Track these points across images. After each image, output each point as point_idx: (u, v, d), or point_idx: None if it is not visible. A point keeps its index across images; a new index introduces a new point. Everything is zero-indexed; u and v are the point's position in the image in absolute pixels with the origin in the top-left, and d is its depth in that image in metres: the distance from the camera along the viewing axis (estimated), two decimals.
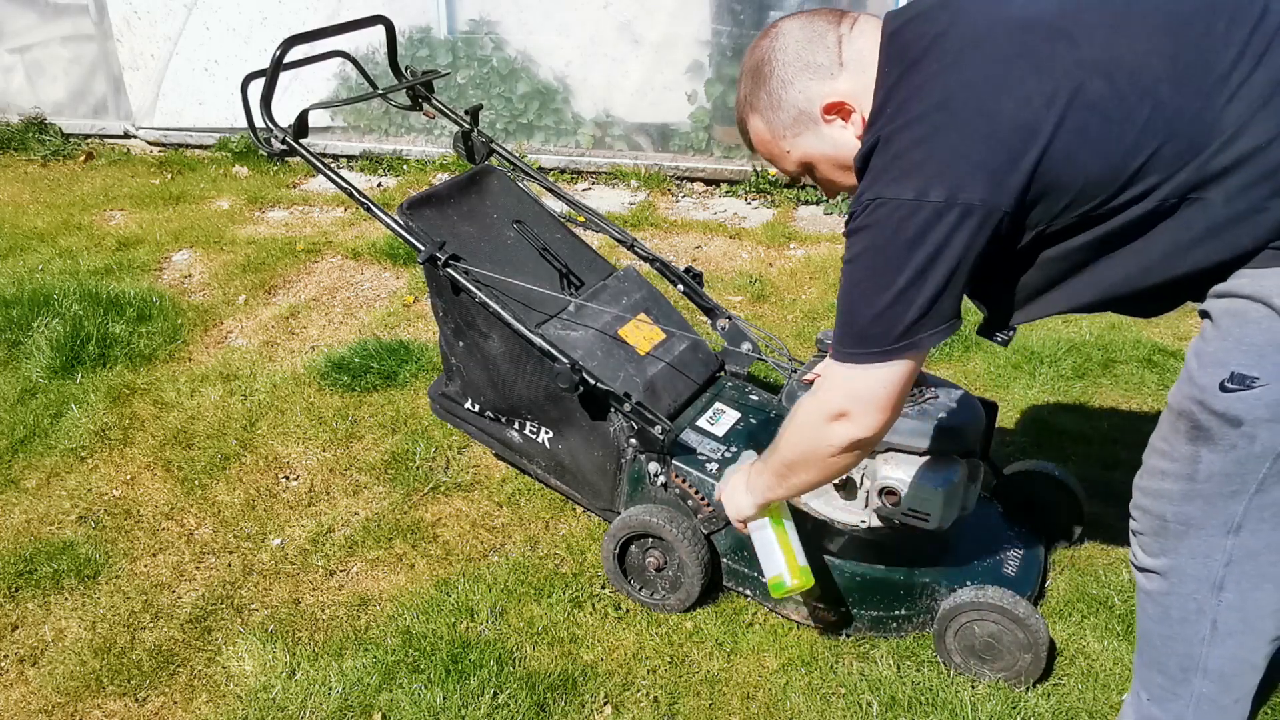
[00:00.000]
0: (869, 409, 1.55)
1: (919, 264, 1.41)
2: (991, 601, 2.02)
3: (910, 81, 1.44)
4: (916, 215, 1.39)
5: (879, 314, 1.47)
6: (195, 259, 4.38)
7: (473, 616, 2.31)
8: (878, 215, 1.43)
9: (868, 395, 1.54)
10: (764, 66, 1.59)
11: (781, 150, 1.66)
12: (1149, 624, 1.62)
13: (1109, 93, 1.35)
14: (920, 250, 1.41)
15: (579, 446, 2.43)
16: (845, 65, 1.54)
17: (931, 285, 1.43)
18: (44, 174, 5.66)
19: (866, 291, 1.48)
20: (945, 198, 1.37)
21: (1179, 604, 1.55)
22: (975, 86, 1.40)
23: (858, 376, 1.54)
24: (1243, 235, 1.35)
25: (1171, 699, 1.63)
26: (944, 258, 1.41)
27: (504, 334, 2.38)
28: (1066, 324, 3.59)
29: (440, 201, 2.56)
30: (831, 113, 1.57)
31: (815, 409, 1.64)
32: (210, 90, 5.70)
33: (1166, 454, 1.49)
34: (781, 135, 1.63)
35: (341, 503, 2.76)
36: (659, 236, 4.63)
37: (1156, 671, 1.64)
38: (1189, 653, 1.57)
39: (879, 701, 2.04)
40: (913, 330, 1.46)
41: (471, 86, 5.41)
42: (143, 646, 2.27)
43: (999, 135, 1.37)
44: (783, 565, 1.98)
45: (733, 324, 2.72)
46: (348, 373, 3.33)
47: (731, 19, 5.00)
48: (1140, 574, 1.61)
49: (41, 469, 2.91)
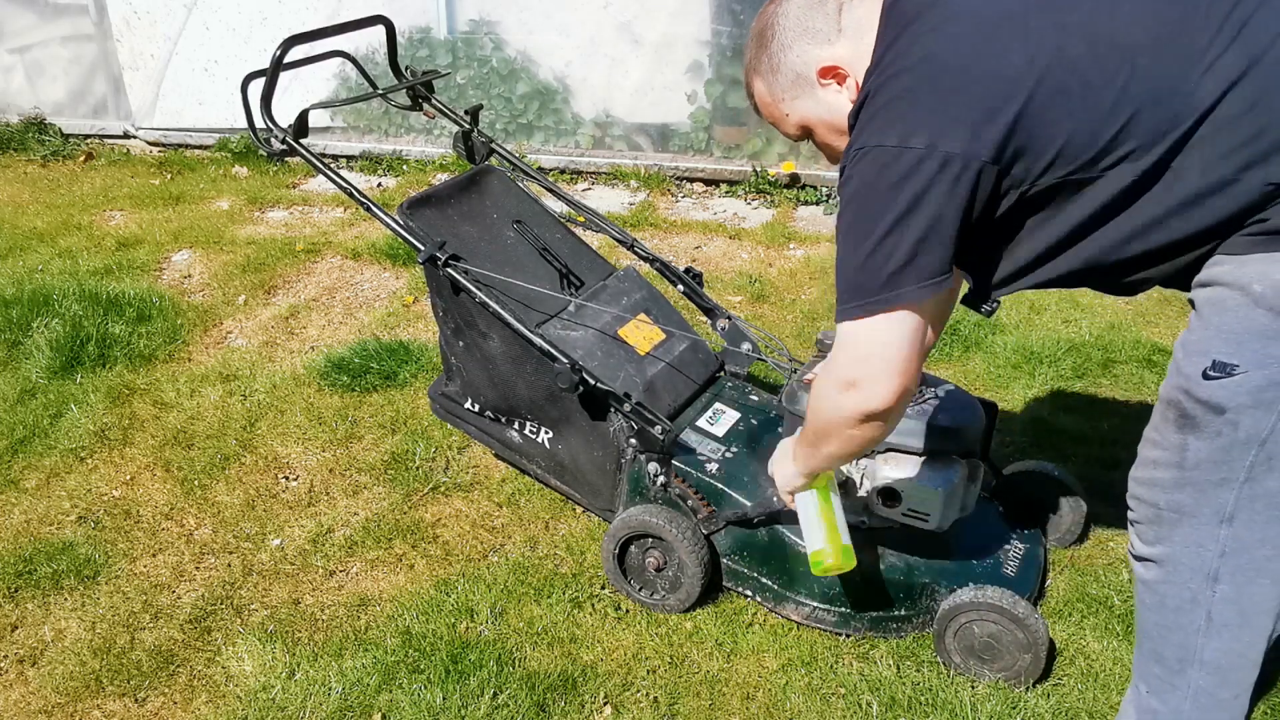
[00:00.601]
0: (874, 376, 1.54)
1: (900, 210, 1.44)
2: (991, 601, 2.02)
3: (901, 40, 1.49)
4: (898, 161, 1.43)
5: (863, 261, 1.49)
6: (195, 259, 4.37)
7: (472, 617, 2.31)
8: (863, 163, 1.47)
9: (870, 359, 1.54)
10: (767, 31, 1.66)
11: (781, 113, 1.72)
12: (1147, 614, 1.65)
13: (1089, 55, 1.39)
14: (901, 196, 1.43)
15: (579, 446, 2.43)
16: (843, 31, 1.60)
17: (913, 233, 1.44)
18: (44, 174, 5.66)
19: (852, 239, 1.51)
20: (926, 145, 1.41)
21: (1174, 593, 1.57)
22: (960, 42, 1.45)
23: (856, 336, 1.54)
24: (1218, 207, 1.38)
25: (1169, 691, 1.65)
26: (924, 205, 1.43)
27: (504, 334, 2.38)
28: (1066, 324, 3.59)
29: (440, 201, 2.56)
30: (827, 77, 1.63)
31: (827, 380, 1.64)
32: (210, 90, 5.70)
33: (1158, 443, 1.54)
34: (780, 98, 1.69)
35: (341, 503, 2.76)
36: (659, 237, 4.63)
37: (1155, 662, 1.67)
38: (1185, 643, 1.59)
39: (879, 702, 2.04)
40: (896, 280, 1.47)
41: (471, 86, 5.41)
42: (142, 647, 2.27)
43: (980, 88, 1.41)
44: (824, 541, 1.94)
45: (732, 324, 2.72)
46: (347, 373, 3.33)
47: (731, 19, 5.00)
48: (1138, 563, 1.64)
49: (41, 469, 2.91)
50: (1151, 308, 3.77)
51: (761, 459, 2.37)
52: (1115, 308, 3.75)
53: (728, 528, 2.26)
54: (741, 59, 1.76)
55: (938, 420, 2.12)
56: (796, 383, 2.27)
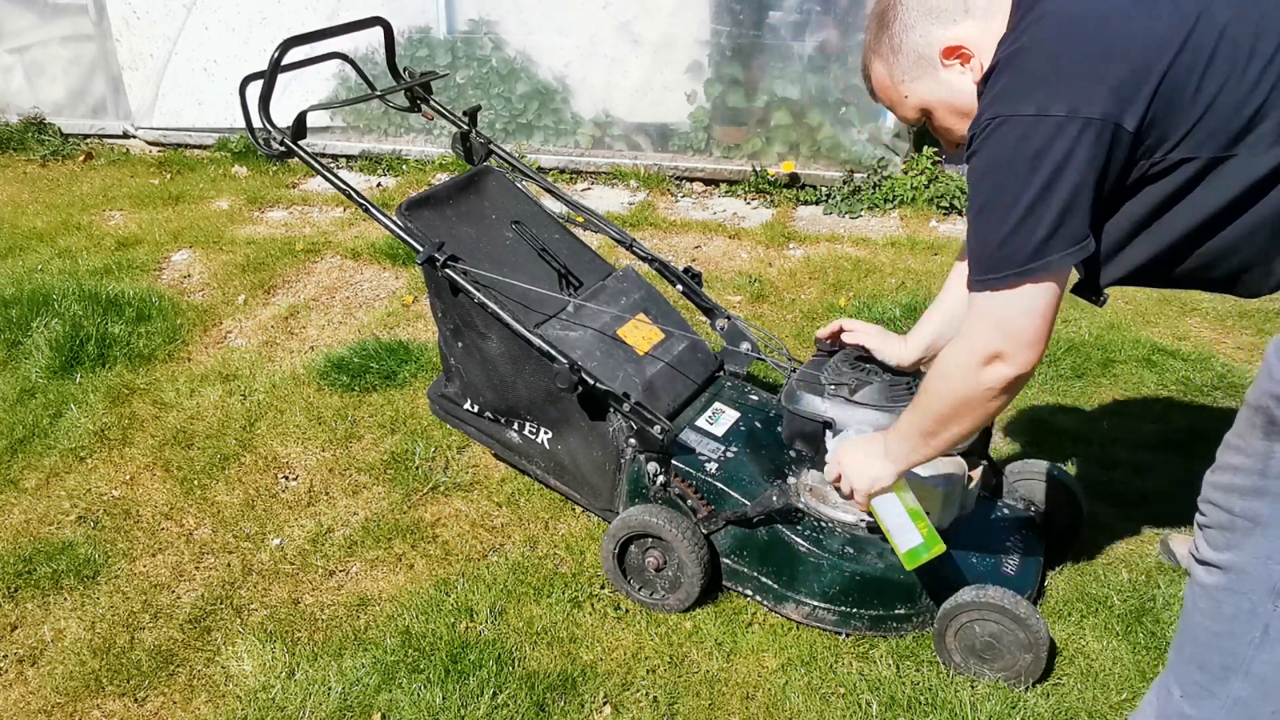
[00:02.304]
0: (1020, 345, 1.52)
1: (1044, 179, 1.42)
2: (992, 601, 2.02)
3: (1036, 9, 1.47)
4: (1037, 130, 1.41)
5: (1008, 234, 1.47)
6: (194, 259, 4.37)
7: (472, 616, 2.31)
8: (998, 134, 1.45)
9: (1015, 330, 1.52)
10: (889, 12, 1.65)
11: (900, 95, 1.71)
12: (1199, 618, 1.59)
13: (1237, 21, 1.36)
14: (1044, 165, 1.41)
15: (578, 447, 2.43)
16: (970, 11, 1.59)
17: (1058, 201, 1.43)
18: (43, 174, 5.66)
19: (994, 212, 1.49)
20: (1066, 111, 1.39)
21: (1233, 602, 1.52)
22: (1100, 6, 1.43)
23: (999, 308, 1.52)
24: None
25: (1207, 697, 1.59)
26: (1067, 174, 1.41)
27: (503, 334, 2.38)
28: (1066, 324, 3.59)
29: (439, 202, 2.56)
30: (951, 57, 1.61)
31: (965, 355, 1.61)
32: (209, 90, 5.69)
33: (1240, 449, 1.49)
34: (900, 80, 1.68)
35: (341, 503, 2.76)
36: (658, 236, 4.63)
37: (1196, 668, 1.60)
38: (1235, 652, 1.54)
39: (878, 701, 2.04)
40: (1043, 250, 1.45)
41: (471, 87, 5.41)
42: (142, 646, 2.27)
43: (1122, 51, 1.39)
44: (916, 535, 1.94)
45: (732, 324, 2.72)
46: (347, 373, 3.33)
47: (731, 19, 5.00)
48: (1200, 567, 1.58)
49: (41, 469, 2.91)
50: (1151, 307, 3.77)
51: (761, 458, 2.37)
52: (1115, 307, 3.75)
53: (727, 527, 2.26)
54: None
55: None
56: (796, 382, 2.27)
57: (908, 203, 4.87)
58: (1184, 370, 3.26)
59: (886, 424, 2.13)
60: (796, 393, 2.23)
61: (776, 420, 2.42)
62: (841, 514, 2.25)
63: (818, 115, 5.03)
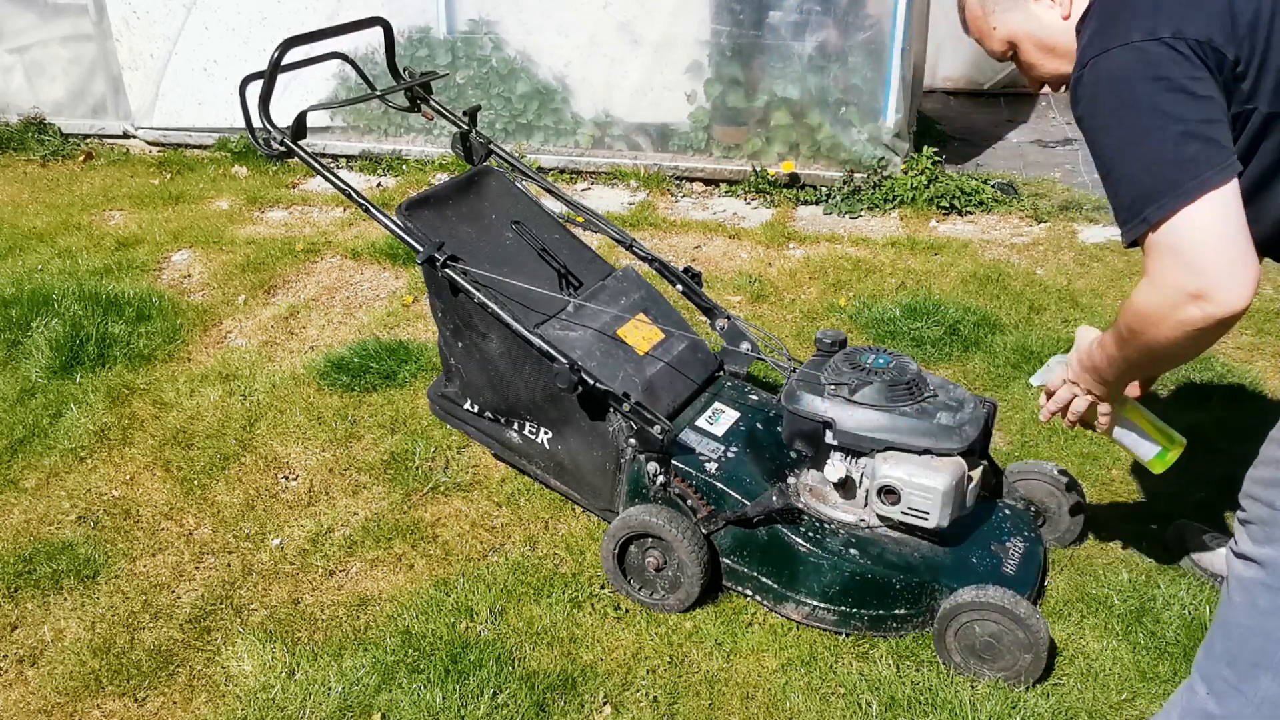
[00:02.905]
0: (1219, 276, 1.36)
1: (1174, 98, 1.41)
2: (992, 601, 2.02)
3: None
4: (1149, 53, 1.43)
5: (1153, 159, 1.41)
6: (194, 259, 4.37)
7: (472, 616, 2.31)
8: (1110, 65, 1.46)
9: (1205, 257, 1.37)
10: None
11: (989, 27, 1.76)
12: (1233, 613, 1.59)
13: None
14: (1170, 83, 1.41)
15: (578, 447, 2.43)
16: None
17: (1194, 114, 1.40)
18: (43, 174, 5.66)
19: (1130, 142, 1.45)
20: (1173, 32, 1.41)
21: (1269, 597, 1.52)
22: None
23: (1177, 234, 1.39)
24: None
25: (1234, 695, 1.59)
26: (1189, 90, 1.41)
27: (503, 334, 2.38)
28: (1066, 324, 3.59)
29: (439, 202, 2.56)
30: None
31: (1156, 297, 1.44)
32: (209, 90, 5.70)
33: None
34: (991, 10, 1.74)
35: (341, 503, 2.76)
36: (658, 236, 4.63)
37: (1225, 664, 1.60)
38: (1265, 649, 1.54)
39: (878, 701, 2.04)
40: (1195, 165, 1.38)
41: (471, 86, 5.41)
42: (142, 646, 2.27)
43: None
44: (1159, 443, 2.06)
45: (732, 324, 2.72)
46: (347, 373, 3.33)
47: (731, 19, 5.00)
48: (1238, 560, 1.58)
49: (41, 469, 2.91)
50: None
51: (761, 458, 2.37)
52: (1115, 307, 3.75)
53: (727, 527, 2.26)
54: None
55: (938, 419, 2.12)
56: (796, 382, 2.27)
57: (908, 203, 4.87)
58: (1184, 370, 3.26)
59: (886, 423, 2.13)
60: (796, 393, 2.23)
61: (776, 420, 2.42)
62: (841, 514, 2.25)
63: (818, 115, 5.03)
